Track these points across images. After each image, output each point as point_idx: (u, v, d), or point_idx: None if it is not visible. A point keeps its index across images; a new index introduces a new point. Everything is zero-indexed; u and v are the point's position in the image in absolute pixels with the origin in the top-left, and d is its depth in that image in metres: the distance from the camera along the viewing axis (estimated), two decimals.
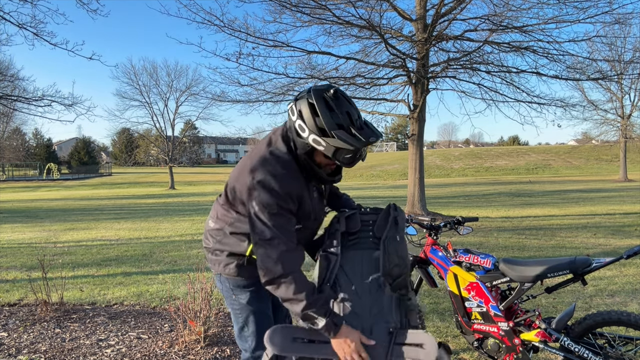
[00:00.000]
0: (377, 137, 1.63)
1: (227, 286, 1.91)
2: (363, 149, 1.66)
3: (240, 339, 1.96)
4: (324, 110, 1.59)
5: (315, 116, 1.60)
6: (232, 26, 9.10)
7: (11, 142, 48.95)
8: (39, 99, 10.65)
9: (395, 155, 50.32)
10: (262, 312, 1.93)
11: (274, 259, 1.60)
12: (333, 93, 1.63)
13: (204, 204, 16.22)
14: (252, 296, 1.89)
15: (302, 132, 1.64)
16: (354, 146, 1.58)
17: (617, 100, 23.65)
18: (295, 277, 1.61)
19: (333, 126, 1.58)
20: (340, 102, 1.62)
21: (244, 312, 1.91)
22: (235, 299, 1.91)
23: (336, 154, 1.61)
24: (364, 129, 1.63)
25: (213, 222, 1.93)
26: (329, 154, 1.62)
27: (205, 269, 4.96)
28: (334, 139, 1.58)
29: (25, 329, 3.76)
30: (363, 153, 1.69)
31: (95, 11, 7.97)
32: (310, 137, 1.62)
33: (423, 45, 9.60)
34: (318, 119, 1.59)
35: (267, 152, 1.72)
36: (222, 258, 1.88)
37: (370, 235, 1.89)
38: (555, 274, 2.50)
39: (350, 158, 1.64)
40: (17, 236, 9.05)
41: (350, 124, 1.60)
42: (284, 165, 1.68)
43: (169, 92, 31.45)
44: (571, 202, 13.68)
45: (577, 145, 43.81)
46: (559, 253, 6.38)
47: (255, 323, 1.90)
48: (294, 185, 1.69)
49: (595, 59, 10.60)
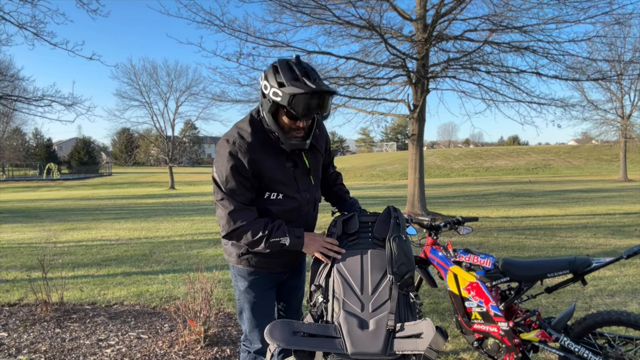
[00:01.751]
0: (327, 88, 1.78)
1: (233, 273, 2.15)
2: (322, 104, 1.79)
3: (240, 321, 2.19)
4: (285, 68, 1.80)
5: (276, 74, 1.80)
6: (232, 26, 9.11)
7: (11, 142, 48.92)
8: (39, 99, 10.65)
9: (395, 155, 50.32)
10: (258, 300, 2.11)
11: (225, 217, 1.86)
12: (295, 57, 1.85)
13: (204, 204, 16.22)
14: (249, 285, 2.08)
15: (265, 90, 1.83)
16: (304, 90, 1.72)
17: (617, 100, 23.65)
18: (247, 226, 1.86)
19: (289, 79, 1.76)
20: (301, 65, 1.82)
21: (241, 299, 2.13)
22: (236, 285, 2.13)
23: (292, 102, 1.75)
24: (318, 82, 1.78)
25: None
26: (285, 103, 1.76)
27: (206, 269, 4.97)
28: (289, 87, 1.75)
29: (25, 329, 3.76)
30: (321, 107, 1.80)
31: (95, 11, 7.97)
32: (271, 90, 1.80)
33: (423, 45, 9.61)
34: (278, 75, 1.79)
35: (233, 126, 1.98)
36: (228, 247, 2.09)
37: (370, 236, 1.92)
38: (555, 274, 2.50)
39: (305, 107, 1.76)
40: (17, 236, 9.05)
41: (306, 78, 1.77)
42: (242, 131, 1.90)
43: (169, 92, 31.42)
44: (571, 202, 13.69)
45: (577, 145, 43.83)
46: (559, 253, 6.38)
47: (250, 310, 2.11)
48: (249, 149, 1.86)
49: (595, 59, 10.61)
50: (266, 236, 1.85)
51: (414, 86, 10.25)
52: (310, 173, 2.07)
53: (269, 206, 1.95)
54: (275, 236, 1.86)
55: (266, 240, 1.85)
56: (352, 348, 1.57)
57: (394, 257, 1.78)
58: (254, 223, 1.87)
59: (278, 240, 1.86)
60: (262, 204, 1.95)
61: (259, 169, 1.88)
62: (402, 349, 1.57)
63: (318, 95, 1.76)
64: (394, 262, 1.77)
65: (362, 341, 1.59)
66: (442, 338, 1.53)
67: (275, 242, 1.86)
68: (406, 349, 1.56)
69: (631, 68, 17.18)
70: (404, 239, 1.86)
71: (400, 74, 10.33)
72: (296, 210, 2.00)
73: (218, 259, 6.44)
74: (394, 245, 1.81)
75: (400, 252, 1.80)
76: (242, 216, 1.87)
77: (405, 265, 1.78)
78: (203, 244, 7.74)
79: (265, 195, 1.94)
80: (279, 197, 1.95)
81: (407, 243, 1.87)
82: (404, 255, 1.80)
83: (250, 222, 1.87)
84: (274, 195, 1.95)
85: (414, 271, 1.83)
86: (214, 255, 6.74)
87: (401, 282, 1.75)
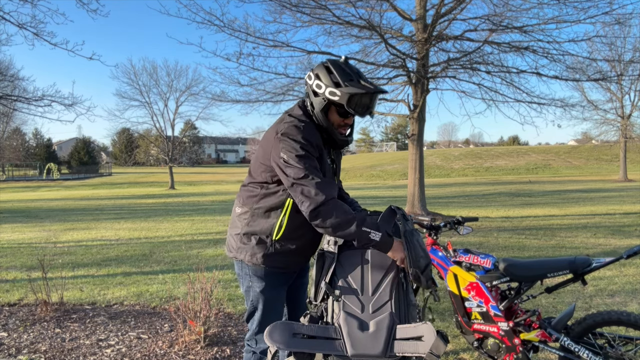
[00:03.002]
0: (382, 90, 1.93)
1: (247, 272, 2.07)
2: (373, 103, 1.93)
3: (249, 321, 2.16)
4: (338, 68, 1.91)
5: (330, 74, 1.90)
6: (232, 26, 9.11)
7: (11, 142, 48.91)
8: (39, 99, 10.63)
9: (395, 155, 50.31)
10: (273, 301, 2.09)
11: (313, 191, 1.79)
12: (344, 59, 1.97)
13: (204, 204, 16.23)
14: (267, 285, 2.06)
15: (319, 89, 1.92)
16: (364, 90, 1.85)
17: (617, 100, 23.64)
18: (338, 202, 1.82)
19: (346, 79, 1.88)
20: (350, 65, 1.95)
21: (255, 299, 2.09)
22: (251, 286, 2.08)
23: (350, 102, 1.87)
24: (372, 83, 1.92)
25: (239, 208, 2.10)
26: (344, 102, 1.87)
27: (206, 269, 4.97)
28: (348, 87, 1.86)
29: (25, 329, 3.76)
30: (372, 106, 1.94)
31: (95, 11, 7.95)
32: (327, 90, 1.89)
33: (423, 45, 9.60)
34: (333, 75, 1.89)
35: (286, 115, 2.01)
36: (250, 247, 2.02)
37: None
38: (555, 274, 2.50)
39: (362, 107, 1.90)
40: (17, 236, 9.05)
41: (359, 79, 1.90)
42: (302, 120, 1.95)
43: (169, 92, 31.35)
44: (571, 202, 13.68)
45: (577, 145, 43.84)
46: (559, 253, 6.38)
47: (263, 310, 2.08)
48: (314, 135, 1.92)
49: (595, 59, 10.61)
50: (357, 222, 1.76)
51: (414, 86, 10.25)
52: (336, 173, 2.17)
53: None
54: (366, 226, 1.76)
55: (358, 224, 1.75)
56: (352, 350, 1.57)
57: (413, 252, 1.78)
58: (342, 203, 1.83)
59: (369, 232, 1.76)
60: None
61: (320, 156, 1.94)
62: (403, 350, 1.56)
63: (371, 95, 1.89)
64: (413, 257, 1.77)
65: (362, 343, 1.59)
66: (443, 343, 1.52)
67: (364, 232, 1.76)
68: (406, 351, 1.56)
69: (631, 68, 17.19)
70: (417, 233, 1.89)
71: (400, 74, 10.33)
72: None
73: (218, 259, 6.44)
74: (410, 239, 1.81)
75: (417, 245, 1.81)
76: (331, 189, 1.82)
77: (424, 258, 1.80)
78: (203, 244, 7.74)
79: None
80: None
81: (420, 236, 1.89)
82: (420, 248, 1.82)
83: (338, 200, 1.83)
84: None
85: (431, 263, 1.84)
86: (214, 255, 6.74)
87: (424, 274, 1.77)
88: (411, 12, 10.44)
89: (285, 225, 1.97)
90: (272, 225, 1.98)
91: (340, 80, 1.87)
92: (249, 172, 2.10)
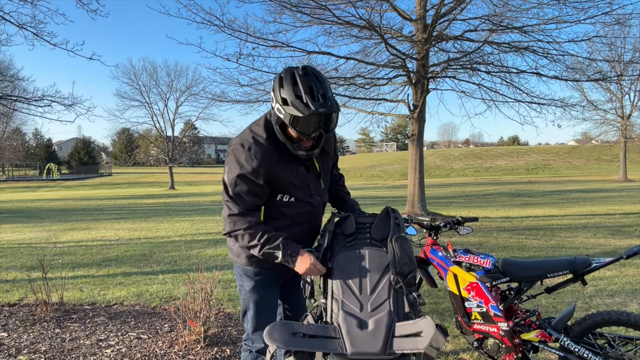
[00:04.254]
0: (328, 109, 1.71)
1: (238, 272, 2.13)
2: (324, 123, 1.76)
3: (244, 320, 2.19)
4: (288, 82, 1.74)
5: (280, 88, 1.76)
6: (232, 26, 9.10)
7: (11, 142, 48.90)
8: (39, 99, 10.62)
9: (395, 155, 50.32)
10: (263, 300, 2.11)
11: (226, 219, 1.89)
12: (302, 68, 1.77)
13: (204, 204, 16.22)
14: (255, 285, 2.08)
15: (272, 102, 1.81)
16: (303, 113, 1.69)
17: (617, 100, 23.64)
18: (244, 232, 1.87)
19: (292, 96, 1.71)
20: (307, 77, 1.74)
21: (247, 298, 2.12)
22: (242, 285, 2.12)
23: (293, 122, 1.73)
24: (321, 101, 1.71)
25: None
26: (287, 122, 1.74)
27: (206, 269, 4.97)
28: (289, 107, 1.71)
29: (25, 329, 3.76)
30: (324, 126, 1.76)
31: (95, 11, 7.95)
32: (276, 106, 1.78)
33: (423, 46, 9.60)
34: (282, 90, 1.75)
35: (247, 128, 1.95)
36: (236, 247, 2.08)
37: (367, 237, 1.92)
38: (555, 274, 2.50)
39: (306, 127, 1.74)
40: (17, 236, 9.05)
41: (308, 96, 1.70)
42: (257, 136, 1.87)
43: (169, 92, 31.40)
44: (571, 202, 13.68)
45: (577, 145, 43.82)
46: (559, 253, 6.38)
47: (255, 310, 2.10)
48: (264, 157, 1.83)
49: (595, 59, 10.61)
50: (260, 245, 1.87)
51: (414, 86, 10.25)
52: (320, 177, 2.09)
53: (282, 208, 1.97)
54: (269, 247, 1.87)
55: (260, 249, 1.87)
56: (352, 348, 1.58)
57: (397, 258, 1.78)
58: (252, 229, 1.88)
59: (272, 252, 1.87)
60: (275, 205, 1.96)
61: (273, 175, 1.88)
62: (402, 348, 1.57)
63: (318, 116, 1.72)
64: (397, 263, 1.77)
65: (361, 341, 1.59)
66: (443, 336, 1.53)
67: (269, 253, 1.87)
68: (405, 348, 1.56)
69: (631, 68, 17.18)
70: (406, 239, 1.87)
71: (400, 74, 10.33)
72: (307, 213, 2.03)
73: (218, 259, 6.44)
74: (396, 246, 1.81)
75: (403, 252, 1.80)
76: (241, 221, 1.88)
77: (408, 265, 1.79)
78: (203, 244, 7.74)
79: (278, 197, 1.95)
80: (292, 200, 1.97)
81: (409, 243, 1.87)
82: (406, 255, 1.80)
83: (249, 227, 1.88)
84: (287, 198, 1.96)
85: (416, 271, 1.84)
86: (214, 256, 6.74)
87: (405, 282, 1.76)
88: (411, 12, 10.45)
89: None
90: None
91: (287, 96, 1.72)
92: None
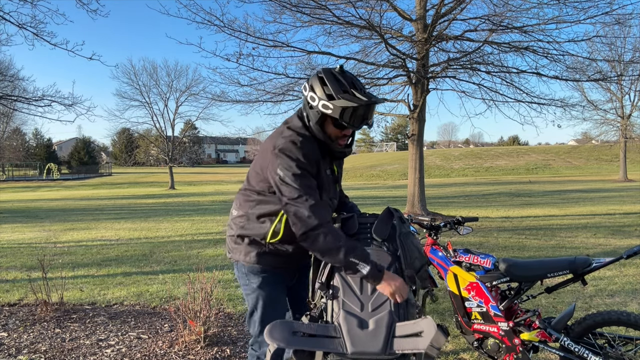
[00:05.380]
0: (376, 99, 1.84)
1: (243, 272, 2.05)
2: (369, 114, 1.85)
3: (250, 324, 2.10)
4: (331, 79, 1.83)
5: (324, 85, 1.84)
6: (232, 26, 9.09)
7: (11, 142, 48.92)
8: (39, 99, 10.65)
9: (395, 155, 50.32)
10: (272, 299, 2.04)
11: (306, 213, 1.75)
12: (339, 68, 1.89)
13: (204, 204, 16.23)
14: (264, 280, 2.02)
15: (313, 101, 1.86)
16: (357, 103, 1.77)
17: (617, 100, 23.64)
18: (330, 227, 1.77)
19: (339, 91, 1.81)
20: (345, 75, 1.87)
21: (254, 296, 2.04)
22: (248, 284, 2.05)
23: (343, 115, 1.80)
24: (366, 93, 1.84)
25: (236, 211, 2.08)
26: (336, 115, 1.81)
27: (206, 269, 4.97)
28: (340, 100, 1.79)
29: (25, 329, 3.76)
30: (369, 117, 1.86)
31: (95, 11, 7.97)
32: (320, 103, 1.83)
33: (423, 46, 9.60)
34: (326, 87, 1.83)
35: (285, 128, 1.96)
36: (243, 247, 2.01)
37: (368, 237, 1.92)
38: (555, 274, 2.50)
39: (356, 119, 1.82)
40: (17, 236, 9.05)
41: (353, 89, 1.82)
42: (300, 134, 1.90)
43: (169, 92, 31.38)
44: (571, 202, 13.68)
45: (577, 145, 43.82)
46: (559, 253, 6.38)
47: (263, 308, 2.03)
48: (312, 150, 1.87)
49: (595, 59, 10.61)
50: (345, 250, 1.70)
51: (414, 86, 10.25)
52: (337, 180, 2.12)
53: None
54: (354, 256, 1.71)
55: (344, 255, 1.70)
56: (352, 348, 1.58)
57: (407, 254, 1.78)
58: (337, 230, 1.79)
59: (357, 262, 1.70)
60: None
61: (318, 171, 1.90)
62: (402, 348, 1.57)
63: (366, 107, 1.81)
64: (408, 258, 1.77)
65: (362, 341, 1.59)
66: (443, 336, 1.53)
67: (352, 262, 1.70)
68: (406, 348, 1.56)
69: (631, 68, 17.19)
70: (412, 234, 1.88)
71: (400, 74, 10.33)
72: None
73: (218, 259, 6.44)
74: (405, 241, 1.81)
75: (412, 247, 1.82)
76: (324, 213, 1.79)
77: (419, 259, 1.81)
78: (203, 244, 7.74)
79: None
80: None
81: (416, 238, 1.89)
82: (416, 250, 1.82)
83: (331, 224, 1.79)
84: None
85: (427, 264, 1.84)
86: (214, 255, 6.74)
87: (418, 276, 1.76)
88: (411, 12, 10.45)
89: (282, 232, 1.95)
90: (266, 230, 1.96)
91: (333, 92, 1.80)
92: (247, 178, 2.08)
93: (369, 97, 1.80)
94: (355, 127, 1.85)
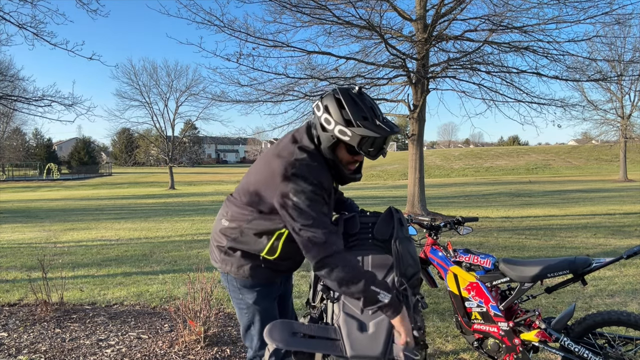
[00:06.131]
0: (398, 129, 1.75)
1: (235, 285, 1.93)
2: (387, 143, 1.76)
3: (246, 338, 2.00)
4: (350, 103, 1.69)
5: (341, 109, 1.69)
6: (232, 26, 9.10)
7: (11, 142, 48.90)
8: (39, 99, 10.64)
9: (395, 155, 50.32)
10: (268, 312, 1.96)
11: (322, 239, 1.64)
12: (358, 90, 1.75)
13: (204, 204, 16.22)
14: (259, 296, 1.92)
15: (328, 124, 1.72)
16: (379, 134, 1.66)
17: (617, 100, 23.66)
18: (346, 256, 1.66)
19: (358, 117, 1.67)
20: (364, 98, 1.74)
21: (250, 312, 1.94)
22: (242, 299, 1.94)
23: (361, 144, 1.69)
24: (387, 122, 1.73)
25: (227, 221, 1.91)
26: (354, 143, 1.69)
27: (206, 269, 4.96)
28: (360, 128, 1.66)
29: (25, 329, 3.76)
30: (385, 147, 1.76)
31: (95, 11, 7.96)
32: (337, 128, 1.70)
33: (423, 46, 9.61)
34: (344, 111, 1.69)
35: (296, 148, 1.79)
36: (235, 259, 1.88)
37: (370, 237, 1.90)
38: (555, 274, 2.50)
39: (375, 149, 1.72)
40: (17, 236, 9.05)
41: (374, 117, 1.70)
42: (314, 158, 1.76)
43: (169, 92, 31.42)
44: (571, 202, 13.68)
45: (577, 145, 43.83)
46: (559, 253, 6.38)
47: (261, 322, 1.93)
48: (325, 176, 1.76)
49: (595, 59, 10.62)
50: (365, 280, 1.60)
51: (414, 86, 10.25)
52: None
53: None
54: (375, 287, 1.60)
55: (364, 286, 1.59)
56: (352, 351, 1.57)
57: (401, 260, 1.77)
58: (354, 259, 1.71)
59: (378, 292, 1.59)
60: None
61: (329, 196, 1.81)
62: (400, 356, 1.56)
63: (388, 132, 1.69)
64: (401, 265, 1.76)
65: (361, 344, 1.58)
66: None
67: (373, 292, 1.59)
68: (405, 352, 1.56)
69: (631, 68, 17.20)
70: (409, 241, 1.86)
71: (400, 74, 10.33)
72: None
73: None
74: (400, 247, 1.79)
75: (406, 254, 1.79)
76: (339, 240, 1.70)
77: (412, 267, 1.78)
78: (203, 244, 7.74)
79: None
80: None
81: (412, 244, 1.87)
82: (410, 257, 1.79)
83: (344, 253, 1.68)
84: None
85: (419, 273, 1.83)
86: None
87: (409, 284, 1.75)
88: (411, 12, 10.45)
89: (280, 250, 1.85)
90: (263, 246, 1.85)
91: (352, 118, 1.67)
92: (242, 189, 1.91)
93: (391, 128, 1.69)
94: (372, 156, 1.73)
